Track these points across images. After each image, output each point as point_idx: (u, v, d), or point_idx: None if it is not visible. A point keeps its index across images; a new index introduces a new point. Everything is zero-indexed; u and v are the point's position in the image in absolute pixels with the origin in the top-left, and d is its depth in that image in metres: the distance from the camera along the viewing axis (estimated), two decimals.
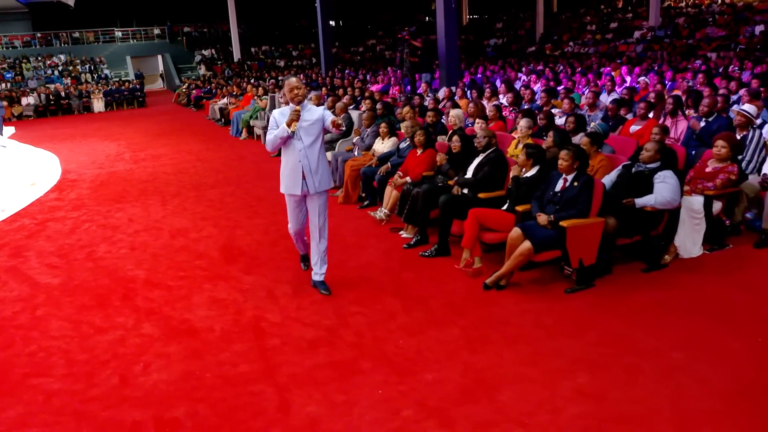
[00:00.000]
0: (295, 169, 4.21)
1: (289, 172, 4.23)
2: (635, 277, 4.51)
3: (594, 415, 2.88)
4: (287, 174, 4.26)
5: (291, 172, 4.22)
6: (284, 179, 4.30)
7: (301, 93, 4.16)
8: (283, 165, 4.30)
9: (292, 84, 4.17)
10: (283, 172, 4.29)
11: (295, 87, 4.16)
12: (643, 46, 22.88)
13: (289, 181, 4.25)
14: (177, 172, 9.61)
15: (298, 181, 4.21)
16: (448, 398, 3.07)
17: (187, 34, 34.10)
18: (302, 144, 4.17)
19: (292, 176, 4.23)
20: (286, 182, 4.30)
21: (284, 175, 4.29)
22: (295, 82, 4.19)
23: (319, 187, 4.26)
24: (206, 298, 4.52)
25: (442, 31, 12.15)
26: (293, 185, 4.24)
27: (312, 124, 4.18)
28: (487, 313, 4.02)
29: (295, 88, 4.16)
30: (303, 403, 3.09)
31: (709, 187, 4.87)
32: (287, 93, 4.20)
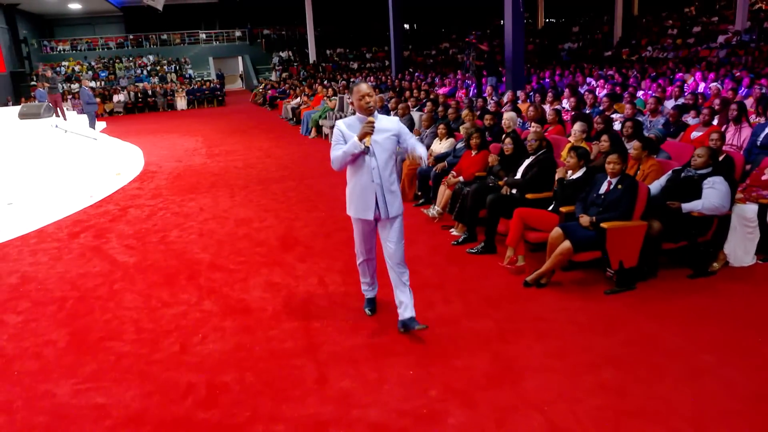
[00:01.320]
0: (366, 190, 3.64)
1: (360, 193, 3.66)
2: (679, 283, 4.51)
3: (612, 408, 2.99)
4: (357, 195, 3.68)
5: (362, 192, 3.65)
6: (353, 201, 3.73)
7: (372, 102, 3.61)
8: (352, 184, 3.72)
9: (362, 91, 3.59)
10: (352, 193, 3.72)
11: (365, 94, 3.59)
12: (726, 51, 21.87)
13: (360, 203, 3.68)
14: (246, 167, 10.16)
15: (371, 205, 3.65)
16: (474, 383, 3.26)
17: (266, 36, 35.43)
18: (375, 161, 3.60)
19: (362, 198, 3.66)
20: (355, 204, 3.72)
21: (353, 196, 3.72)
22: (365, 88, 3.61)
23: (393, 211, 3.69)
24: (262, 282, 4.88)
25: (509, 35, 12.18)
26: (364, 209, 3.67)
27: (387, 137, 3.64)
28: (523, 308, 4.16)
29: (366, 95, 3.58)
30: (338, 377, 3.36)
31: (764, 195, 4.78)
32: (356, 101, 3.61)
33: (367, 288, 4.15)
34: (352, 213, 3.78)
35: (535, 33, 35.54)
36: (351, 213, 3.80)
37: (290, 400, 3.17)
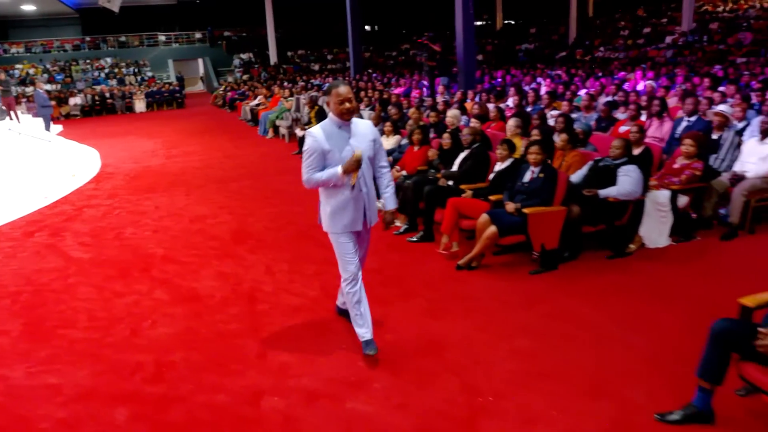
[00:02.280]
0: (354, 201, 3.39)
1: (346, 205, 3.38)
2: (599, 263, 4.92)
3: (522, 371, 3.35)
4: (343, 207, 3.39)
5: (348, 204, 3.38)
6: (338, 215, 3.41)
7: (353, 107, 3.31)
8: (335, 198, 3.39)
9: (342, 93, 3.26)
10: (336, 206, 3.39)
11: (345, 98, 3.27)
12: (673, 51, 22.79)
13: (348, 216, 3.40)
14: (204, 167, 10.33)
15: (360, 215, 3.44)
16: (401, 353, 3.58)
17: (227, 38, 35.33)
18: (361, 170, 3.35)
19: (351, 210, 3.39)
20: (344, 218, 3.41)
21: (337, 210, 3.40)
22: (345, 91, 3.28)
23: (375, 218, 3.55)
24: (213, 272, 5.13)
25: (460, 36, 12.60)
26: (355, 220, 3.43)
27: (367, 143, 3.39)
28: (453, 288, 4.51)
29: (345, 99, 3.27)
30: (278, 353, 3.66)
31: (674, 182, 5.25)
32: (334, 104, 3.29)
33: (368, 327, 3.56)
34: (339, 228, 3.42)
35: (493, 34, 36.29)
36: (337, 229, 3.43)
37: (232, 374, 3.45)
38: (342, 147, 3.33)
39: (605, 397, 3.07)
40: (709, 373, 2.78)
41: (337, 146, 3.33)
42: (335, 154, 3.32)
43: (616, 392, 3.10)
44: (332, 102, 3.31)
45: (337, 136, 3.34)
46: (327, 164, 3.32)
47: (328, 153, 3.32)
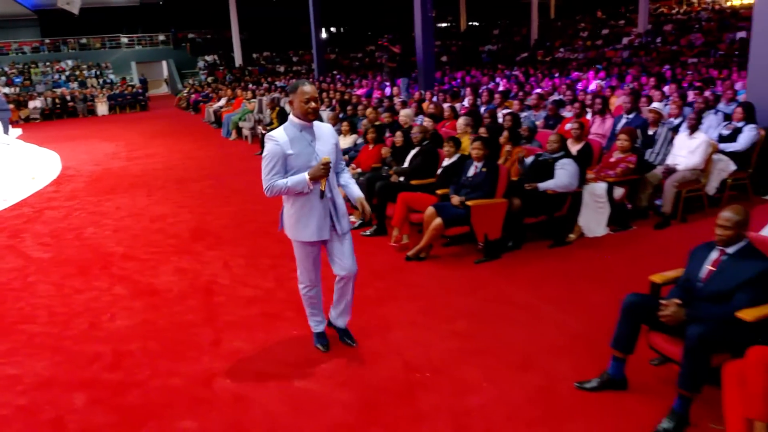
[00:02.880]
0: (321, 209, 3.27)
1: (311, 213, 3.26)
2: (540, 252, 5.23)
3: (459, 349, 3.61)
4: (307, 215, 3.26)
5: (313, 212, 3.26)
6: (301, 223, 3.28)
7: (318, 107, 3.21)
8: (299, 205, 3.26)
9: (307, 92, 3.15)
10: (300, 214, 3.27)
11: (311, 97, 3.15)
12: (629, 52, 23.50)
13: (313, 224, 3.27)
14: (166, 168, 10.40)
15: (326, 223, 3.31)
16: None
17: (191, 40, 35.09)
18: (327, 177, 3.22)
19: (316, 217, 3.26)
20: (310, 226, 3.27)
21: (301, 218, 3.28)
22: (310, 90, 3.17)
23: (346, 225, 3.43)
24: (171, 268, 5.29)
25: (419, 38, 12.88)
26: (319, 229, 3.29)
27: (331, 147, 3.29)
28: (402, 278, 4.76)
29: (311, 98, 3.15)
30: (231, 338, 3.86)
31: (610, 174, 5.59)
32: (298, 102, 3.16)
33: (320, 320, 3.69)
34: (305, 237, 3.30)
35: (458, 36, 36.80)
36: (303, 237, 3.30)
37: (187, 360, 3.63)
38: (305, 151, 3.18)
39: (533, 369, 3.35)
40: (621, 344, 3.08)
41: (301, 150, 3.18)
42: (299, 158, 3.17)
43: (544, 365, 3.38)
44: (297, 101, 3.17)
45: (299, 140, 3.19)
46: (289, 169, 3.17)
47: (291, 157, 3.16)
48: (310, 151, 3.21)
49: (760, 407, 2.45)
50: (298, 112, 3.20)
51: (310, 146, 3.22)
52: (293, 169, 3.18)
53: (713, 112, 6.95)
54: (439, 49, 32.82)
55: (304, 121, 3.21)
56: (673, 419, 2.78)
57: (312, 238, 3.31)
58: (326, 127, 3.37)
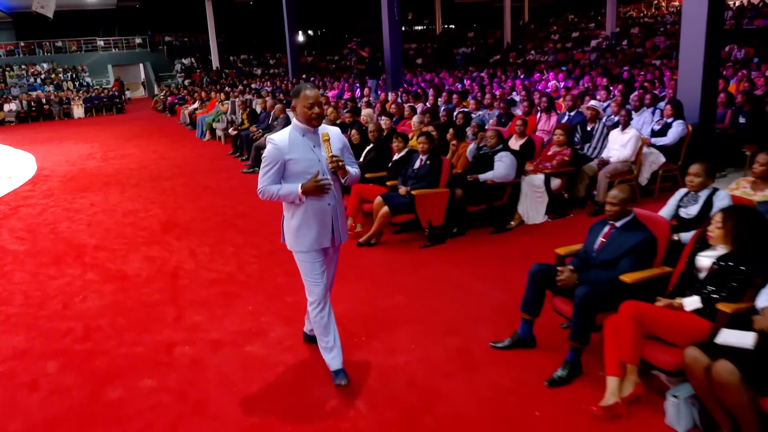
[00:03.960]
0: (324, 215, 3.13)
1: (314, 219, 3.11)
2: (482, 238, 5.71)
3: (394, 318, 4.06)
4: (310, 222, 3.11)
5: (316, 218, 3.11)
6: (303, 231, 3.13)
7: (322, 112, 3.08)
8: (302, 212, 3.10)
9: (310, 96, 2.99)
10: (302, 221, 3.12)
11: (315, 102, 3.00)
12: (596, 54, 24.21)
13: (315, 231, 3.13)
14: (140, 168, 10.73)
15: (328, 230, 3.18)
16: (297, 311, 4.23)
17: (168, 43, 35.25)
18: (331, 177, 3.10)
19: (321, 224, 3.13)
20: (311, 234, 3.13)
21: (303, 226, 3.12)
22: (313, 94, 3.00)
23: (345, 235, 3.32)
24: (140, 256, 5.67)
25: (387, 41, 13.37)
26: (323, 236, 3.16)
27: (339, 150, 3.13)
28: (352, 261, 5.20)
29: (315, 103, 3.00)
30: (192, 314, 4.27)
31: (548, 166, 6.09)
32: (302, 107, 3.00)
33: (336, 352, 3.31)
34: (306, 246, 3.15)
35: (433, 38, 37.38)
36: (303, 247, 3.15)
37: (150, 332, 4.04)
38: (306, 156, 3.05)
39: (456, 334, 3.81)
40: (529, 307, 3.55)
41: (301, 155, 3.04)
42: (299, 164, 3.04)
43: (466, 330, 3.85)
44: (299, 105, 3.01)
45: (301, 144, 3.06)
46: (288, 175, 3.07)
47: (290, 162, 3.04)
48: (311, 157, 3.06)
49: (629, 352, 2.94)
50: (302, 117, 3.04)
51: (312, 152, 3.07)
52: (292, 175, 3.06)
53: (651, 109, 7.50)
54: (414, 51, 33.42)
55: (307, 125, 3.06)
56: (567, 368, 3.26)
57: (312, 246, 3.15)
58: (333, 131, 3.17)
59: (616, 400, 2.92)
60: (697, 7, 6.68)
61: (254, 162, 9.44)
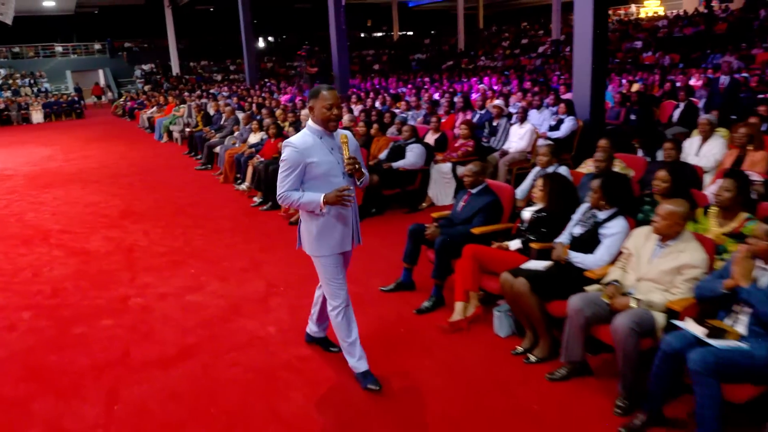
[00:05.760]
0: (346, 219, 3.15)
1: (336, 223, 3.12)
2: (397, 217, 6.73)
3: (309, 275, 4.98)
4: (332, 226, 3.12)
5: (338, 222, 3.12)
6: (328, 235, 3.12)
7: (340, 114, 3.07)
8: (324, 216, 3.08)
9: (328, 98, 2.97)
10: (324, 226, 3.10)
11: (334, 103, 2.98)
12: (541, 60, 25.63)
13: (340, 234, 3.15)
14: (100, 167, 11.47)
15: (349, 233, 3.19)
16: (233, 271, 5.20)
17: (127, 49, 35.61)
18: (348, 181, 3.11)
19: (342, 227, 3.14)
20: (334, 238, 3.13)
21: (326, 229, 3.11)
22: (331, 96, 2.98)
23: (360, 237, 3.32)
24: (100, 237, 6.53)
25: (334, 47, 14.36)
26: (344, 239, 3.17)
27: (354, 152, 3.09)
28: (283, 236, 6.17)
29: (334, 104, 2.98)
30: (144, 277, 5.18)
31: (454, 156, 7.15)
32: (320, 108, 2.98)
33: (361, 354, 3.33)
34: (328, 250, 3.15)
35: (391, 45, 38.54)
36: (326, 251, 3.15)
37: (108, 290, 4.93)
38: (327, 159, 3.02)
39: (356, 283, 4.76)
40: (408, 257, 4.57)
41: (322, 158, 3.02)
42: (320, 166, 3.01)
43: (364, 281, 4.84)
44: (318, 106, 2.98)
45: (320, 147, 3.03)
46: (309, 178, 3.03)
47: (311, 165, 3.00)
48: (331, 160, 3.04)
49: (470, 282, 3.97)
50: (319, 119, 3.01)
51: (331, 155, 3.04)
52: (313, 179, 3.02)
53: (551, 108, 8.64)
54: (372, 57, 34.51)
55: (324, 128, 3.04)
56: (431, 300, 4.29)
57: (335, 250, 3.15)
58: (348, 133, 3.16)
59: (461, 318, 3.94)
60: (584, 25, 7.83)
61: (206, 159, 10.31)
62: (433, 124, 7.68)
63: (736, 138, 5.36)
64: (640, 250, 3.28)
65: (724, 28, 22.05)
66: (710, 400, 2.58)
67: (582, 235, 3.69)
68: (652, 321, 3.01)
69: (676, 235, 3.16)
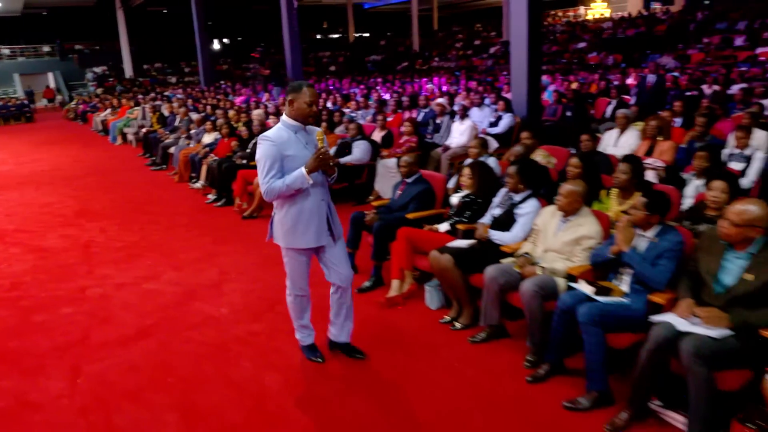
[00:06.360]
0: (319, 212, 3.21)
1: (310, 217, 3.19)
2: (345, 209, 7.03)
3: (260, 263, 5.38)
4: (307, 220, 3.19)
5: (312, 216, 3.20)
6: (302, 229, 3.20)
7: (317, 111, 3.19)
8: (296, 210, 3.18)
9: (311, 95, 3.10)
10: (298, 220, 3.19)
11: (314, 100, 3.13)
12: (492, 61, 26.39)
13: (312, 229, 3.21)
14: (53, 170, 11.49)
15: (324, 227, 3.26)
16: (188, 261, 5.50)
17: (78, 51, 34.97)
18: (321, 177, 3.21)
19: (315, 222, 3.21)
20: (309, 232, 3.21)
21: (300, 224, 3.19)
22: (312, 92, 3.12)
23: (340, 229, 3.41)
24: (57, 235, 6.72)
25: (288, 49, 14.66)
26: (318, 234, 3.23)
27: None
28: (236, 230, 6.51)
29: (314, 101, 3.13)
30: (102, 269, 5.43)
31: (398, 151, 7.59)
32: (303, 105, 3.10)
33: (309, 332, 3.64)
34: (304, 243, 3.22)
35: (346, 46, 38.87)
36: (301, 244, 3.22)
37: (67, 282, 5.18)
38: (302, 153, 3.12)
39: None
40: (350, 243, 4.96)
41: (297, 152, 3.12)
42: (296, 160, 3.10)
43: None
44: (299, 101, 3.08)
45: (295, 142, 3.14)
46: (286, 172, 3.11)
47: (288, 159, 3.10)
48: (307, 154, 3.12)
49: (405, 261, 4.40)
50: (298, 113, 3.12)
51: (305, 149, 3.14)
52: (289, 172, 3.10)
53: (493, 106, 9.17)
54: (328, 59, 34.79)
55: (302, 123, 3.15)
56: (371, 280, 4.70)
57: (310, 244, 3.22)
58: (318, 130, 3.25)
59: (397, 294, 4.36)
60: (520, 28, 8.34)
61: (161, 160, 10.50)
62: (379, 122, 8.10)
63: (647, 130, 5.95)
64: (546, 226, 3.75)
65: (664, 29, 23.13)
66: (596, 346, 3.06)
67: (501, 215, 4.15)
68: (554, 285, 3.49)
69: (576, 211, 3.64)
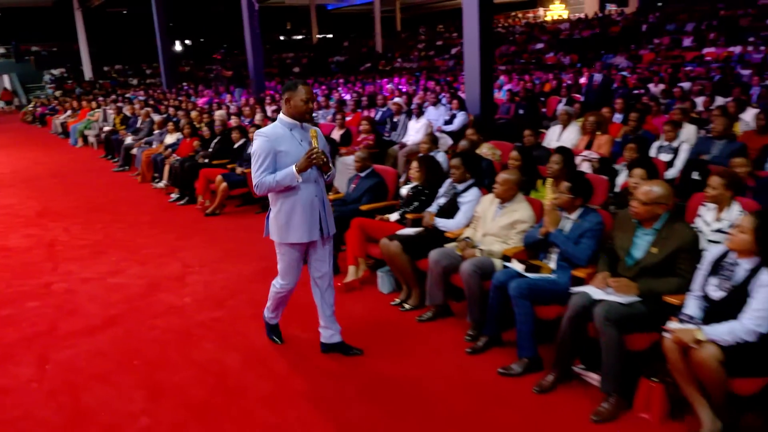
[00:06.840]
0: (311, 208, 3.28)
1: (304, 212, 3.26)
2: None
3: (220, 258, 5.62)
4: (300, 215, 3.26)
5: (305, 211, 3.27)
6: (294, 224, 3.28)
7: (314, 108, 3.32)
8: (290, 205, 3.25)
9: (306, 93, 3.19)
10: (291, 214, 3.26)
11: (311, 97, 3.22)
12: (453, 61, 26.87)
13: (304, 224, 3.28)
14: (13, 172, 11.43)
15: (316, 223, 3.32)
16: (152, 256, 5.70)
17: (35, 53, 34.29)
18: (318, 173, 3.28)
19: (308, 217, 3.28)
20: (302, 227, 3.29)
21: (293, 218, 3.26)
22: (308, 90, 3.20)
23: (333, 226, 3.48)
24: (20, 235, 6.81)
25: (250, 52, 14.81)
26: (310, 229, 3.30)
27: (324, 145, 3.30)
28: (199, 226, 6.72)
29: (311, 98, 3.22)
30: (66, 266, 5.59)
31: (356, 149, 7.87)
32: (300, 102, 3.17)
33: (277, 315, 3.85)
34: (296, 238, 3.29)
35: (310, 47, 38.97)
36: (293, 239, 3.30)
37: (34, 278, 5.33)
38: (296, 150, 3.17)
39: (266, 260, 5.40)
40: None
41: (291, 148, 3.18)
42: (289, 156, 3.16)
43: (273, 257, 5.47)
44: (296, 99, 3.16)
45: (289, 138, 3.20)
46: (278, 168, 3.17)
47: (280, 154, 3.16)
48: (301, 151, 3.17)
49: (358, 249, 4.70)
50: (295, 111, 3.20)
51: (300, 146, 3.20)
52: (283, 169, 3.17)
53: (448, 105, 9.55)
54: (292, 60, 34.85)
55: (298, 120, 3.23)
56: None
57: (303, 239, 3.30)
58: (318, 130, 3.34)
59: (353, 279, 4.66)
60: (472, 30, 8.72)
61: (124, 161, 10.58)
62: (338, 121, 8.38)
63: (586, 125, 6.38)
64: (485, 212, 4.10)
65: (618, 30, 23.93)
66: (525, 317, 3.41)
67: (445, 204, 4.49)
68: (491, 265, 3.83)
69: (511, 198, 3.99)
